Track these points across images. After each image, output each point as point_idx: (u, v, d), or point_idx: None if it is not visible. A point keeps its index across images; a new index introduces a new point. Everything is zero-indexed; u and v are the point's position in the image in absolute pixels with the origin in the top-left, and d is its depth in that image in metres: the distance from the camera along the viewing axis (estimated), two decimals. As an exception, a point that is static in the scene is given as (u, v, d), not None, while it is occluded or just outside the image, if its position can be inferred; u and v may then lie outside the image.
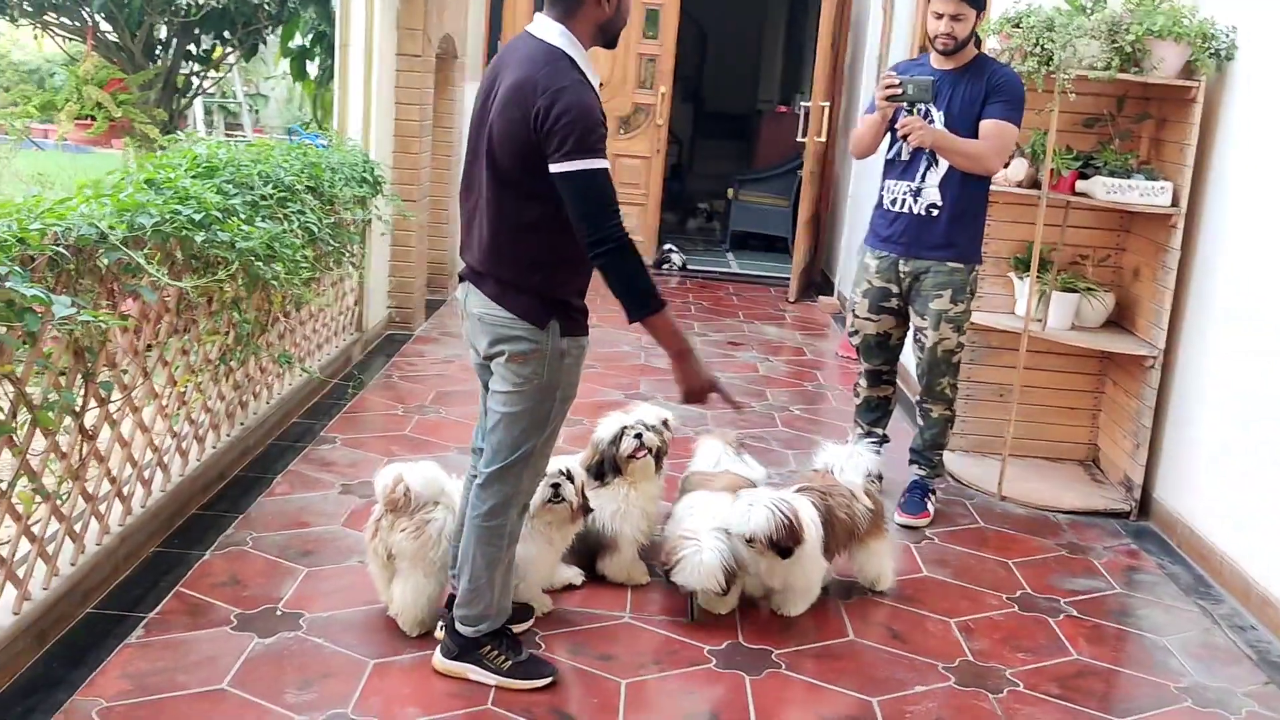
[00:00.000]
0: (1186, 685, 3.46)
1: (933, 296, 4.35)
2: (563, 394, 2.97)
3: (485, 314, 2.94)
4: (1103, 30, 4.44)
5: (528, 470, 3.02)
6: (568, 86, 2.71)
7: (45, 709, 2.84)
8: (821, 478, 3.90)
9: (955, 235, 4.31)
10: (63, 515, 3.22)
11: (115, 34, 6.23)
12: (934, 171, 4.29)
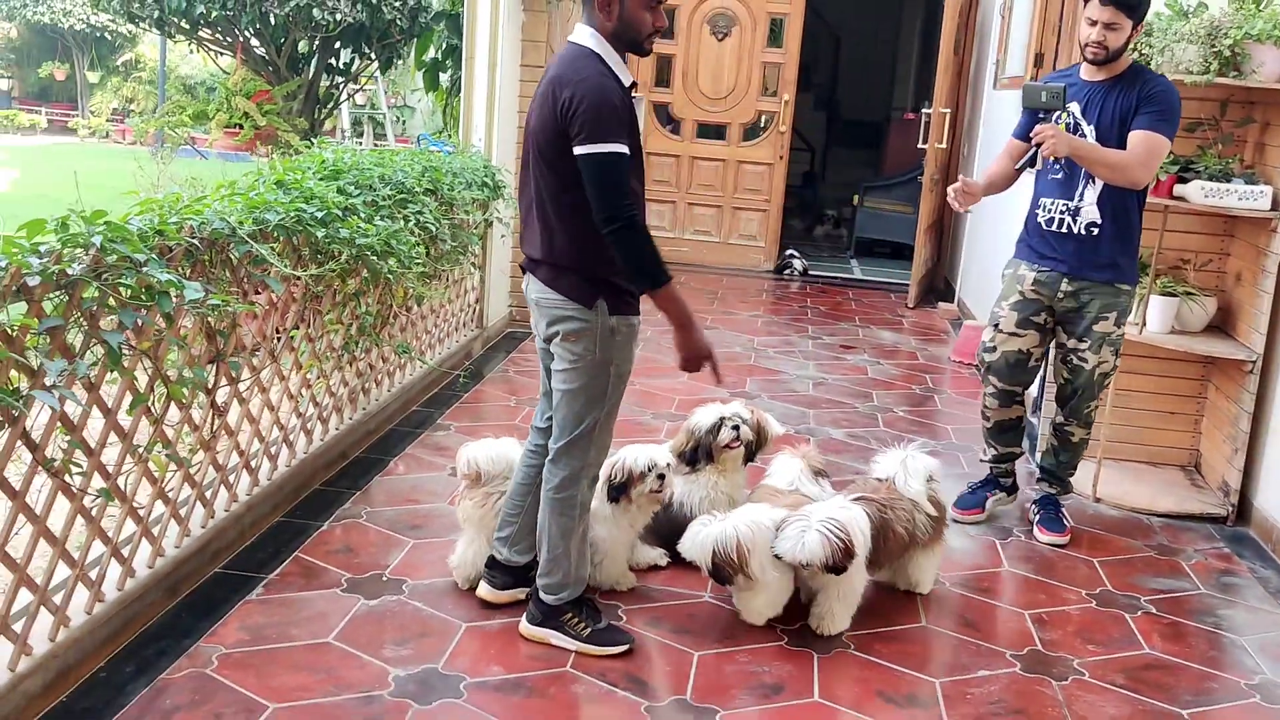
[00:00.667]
0: (1257, 683, 3.48)
1: (1099, 319, 4.21)
2: (617, 370, 3.20)
3: (541, 298, 3.22)
4: (1201, 34, 4.46)
5: (593, 444, 3.26)
6: (588, 79, 2.99)
7: (173, 652, 3.19)
8: (885, 489, 3.76)
9: (1119, 255, 4.17)
10: (194, 482, 3.58)
11: (262, 49, 6.72)
12: (1092, 188, 4.13)
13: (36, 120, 18.55)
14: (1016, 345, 4.36)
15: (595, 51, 3.07)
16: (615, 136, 2.97)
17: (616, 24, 3.08)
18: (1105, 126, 4.07)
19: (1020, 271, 4.34)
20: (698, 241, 10.17)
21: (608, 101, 2.98)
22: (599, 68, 3.04)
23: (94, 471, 3.03)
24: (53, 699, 2.90)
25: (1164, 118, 3.98)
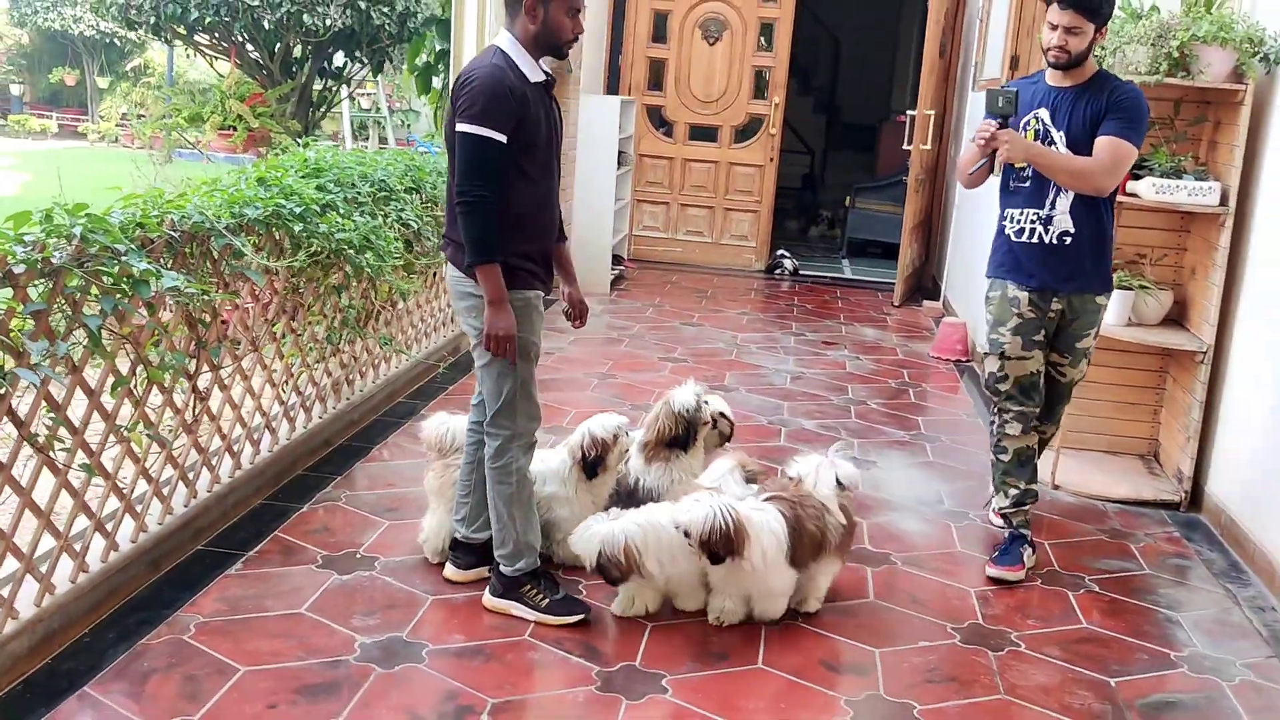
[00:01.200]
0: (1186, 655, 3.65)
1: (1081, 335, 4.18)
2: (520, 342, 3.41)
3: (449, 276, 3.52)
4: (1151, 36, 4.63)
5: (518, 413, 3.49)
6: (483, 68, 3.29)
7: (153, 621, 3.38)
8: (795, 487, 3.71)
9: (1096, 265, 4.09)
10: (176, 462, 3.78)
11: (256, 53, 6.93)
12: (1064, 197, 4.01)
13: (47, 125, 18.85)
14: (1028, 368, 4.17)
15: (504, 51, 3.34)
16: (492, 123, 3.23)
17: (539, 28, 3.33)
18: (1076, 133, 3.97)
19: (1011, 293, 4.14)
20: (690, 242, 10.35)
21: (496, 90, 3.24)
22: (501, 62, 3.30)
23: (78, 449, 3.22)
24: (38, 661, 3.09)
25: (1131, 124, 3.90)
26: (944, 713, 3.21)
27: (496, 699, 3.09)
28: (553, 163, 3.51)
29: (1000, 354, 4.18)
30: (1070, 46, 3.90)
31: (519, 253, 3.41)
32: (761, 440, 5.50)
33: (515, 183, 3.36)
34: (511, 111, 3.26)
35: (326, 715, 2.97)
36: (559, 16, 3.32)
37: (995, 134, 3.90)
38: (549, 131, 3.42)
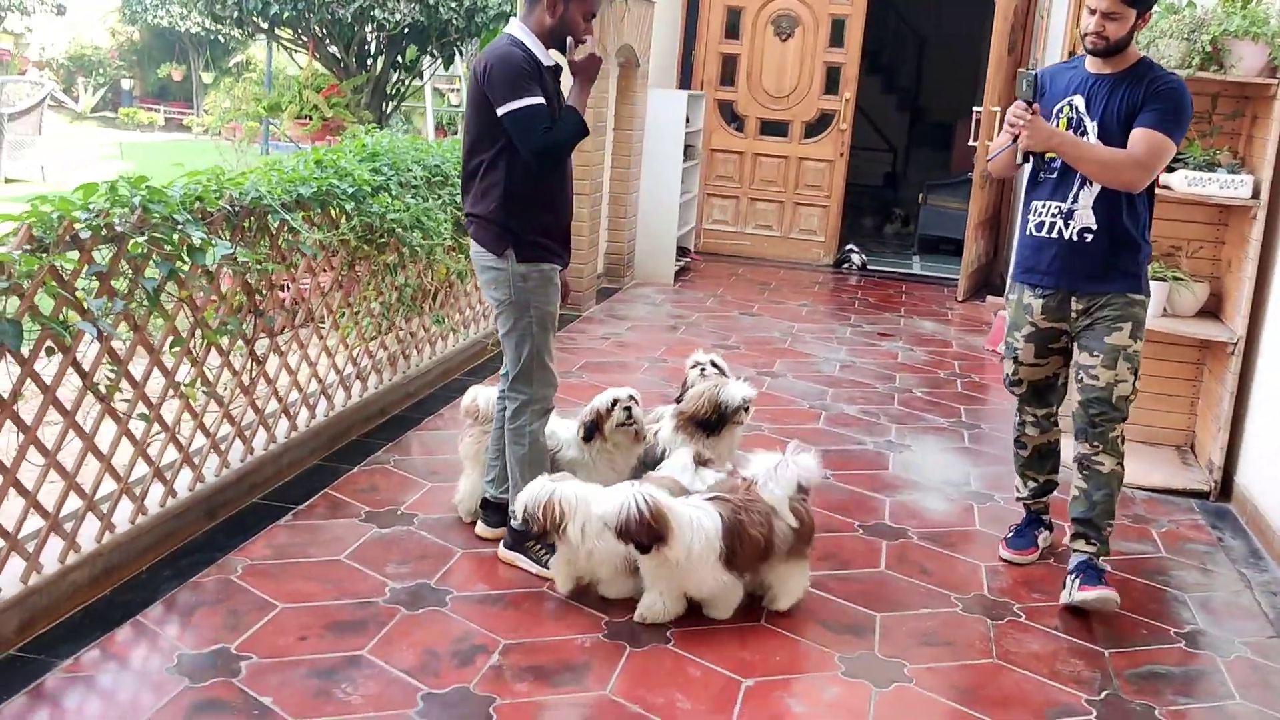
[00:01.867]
0: (1186, 631, 3.75)
1: (1110, 330, 3.81)
2: (536, 311, 3.69)
3: (473, 252, 3.75)
4: (1184, 30, 4.70)
5: (534, 379, 3.76)
6: (496, 49, 3.59)
7: (205, 563, 3.69)
8: (746, 489, 3.59)
9: (1123, 262, 3.80)
10: (234, 420, 4.09)
11: (333, 46, 7.29)
12: (1088, 190, 3.76)
13: (155, 118, 19.65)
14: (1041, 374, 4.08)
15: (516, 35, 3.63)
16: (526, 92, 3.50)
17: (556, 22, 3.62)
18: (1109, 123, 3.72)
19: (1025, 300, 3.98)
20: (759, 235, 10.51)
21: (513, 64, 3.52)
22: (512, 43, 3.59)
23: (139, 400, 3.54)
24: (97, 592, 3.42)
25: (1170, 116, 3.63)
26: (933, 671, 3.36)
27: (509, 640, 3.33)
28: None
29: (1014, 358, 4.09)
30: (1108, 32, 3.65)
31: (537, 228, 3.67)
32: (800, 423, 5.67)
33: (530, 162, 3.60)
34: (533, 78, 3.55)
35: (350, 648, 3.23)
36: (575, 15, 3.62)
37: (1018, 117, 3.70)
38: (558, 111, 3.66)
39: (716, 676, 3.24)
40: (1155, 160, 3.65)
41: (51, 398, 3.17)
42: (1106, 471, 3.91)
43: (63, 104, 18.88)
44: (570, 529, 3.44)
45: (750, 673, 3.27)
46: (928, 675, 3.34)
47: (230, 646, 3.20)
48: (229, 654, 3.16)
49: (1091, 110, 3.77)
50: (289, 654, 3.18)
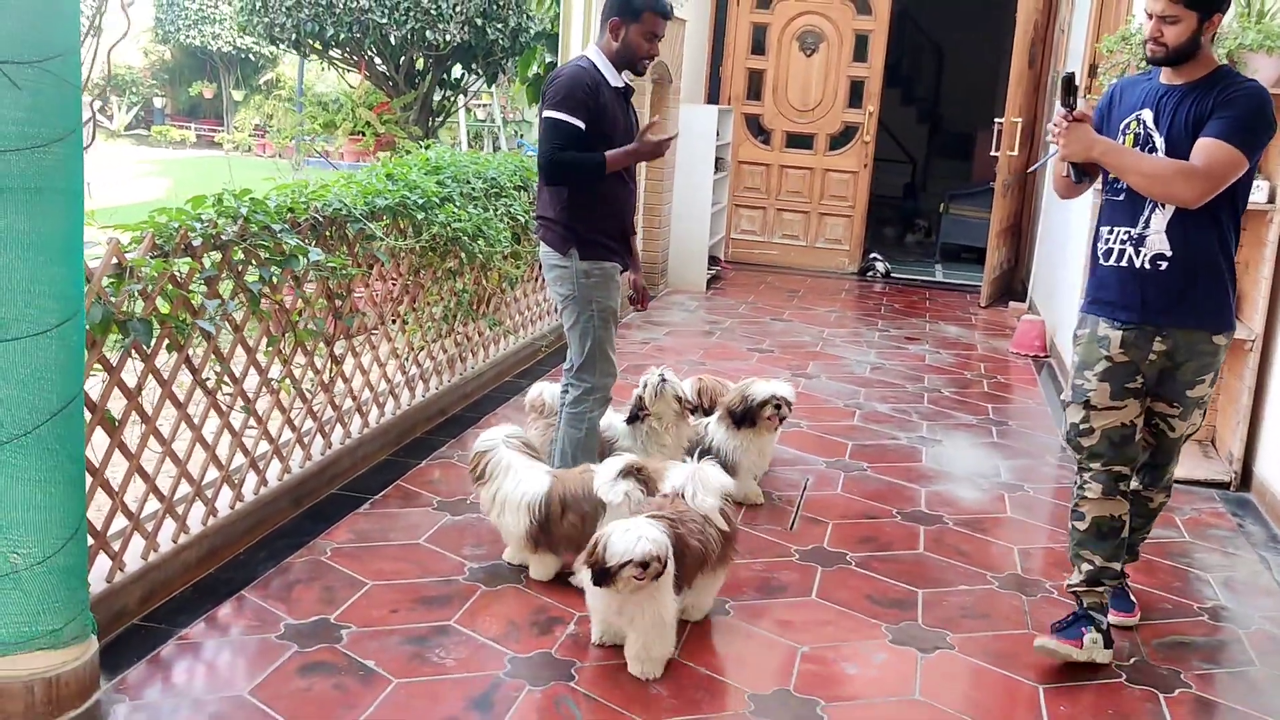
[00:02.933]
0: (1209, 607, 4.02)
1: (1194, 382, 3.47)
2: (598, 307, 4.07)
3: (541, 252, 4.14)
4: (1201, 45, 4.97)
5: (596, 370, 4.13)
6: (569, 69, 3.97)
7: (294, 546, 4.00)
8: (671, 503, 3.49)
9: (1205, 295, 3.37)
10: (316, 416, 4.40)
11: (384, 66, 7.64)
12: (1160, 213, 3.34)
13: (186, 135, 20.10)
14: (1118, 419, 3.49)
15: (590, 58, 3.99)
16: (568, 108, 3.85)
17: (620, 45, 3.97)
18: (1176, 137, 3.32)
19: (1101, 331, 3.49)
20: (785, 245, 10.81)
21: (577, 83, 3.87)
22: (585, 64, 3.95)
23: (238, 396, 3.85)
24: (203, 571, 3.72)
25: (1236, 124, 3.19)
26: (973, 640, 3.64)
27: (582, 613, 3.62)
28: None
29: (1085, 403, 3.51)
30: (1166, 38, 3.25)
31: (598, 229, 4.03)
32: (836, 420, 5.96)
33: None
34: (586, 103, 3.88)
35: (439, 618, 3.53)
36: (637, 39, 3.98)
37: (1057, 122, 3.38)
38: (626, 127, 4.04)
39: (775, 643, 3.53)
40: (1213, 173, 3.19)
41: (169, 391, 3.48)
42: (1155, 507, 3.82)
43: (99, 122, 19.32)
44: (484, 491, 3.83)
45: (805, 640, 3.56)
46: (968, 643, 3.62)
47: (329, 618, 3.50)
48: (329, 624, 3.46)
49: (1160, 124, 3.34)
50: (384, 624, 3.49)
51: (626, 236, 4.20)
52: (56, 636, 2.87)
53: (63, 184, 2.73)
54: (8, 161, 2.61)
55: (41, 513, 2.79)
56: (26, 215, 2.65)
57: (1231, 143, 3.18)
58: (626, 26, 3.98)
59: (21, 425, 2.71)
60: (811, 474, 5.12)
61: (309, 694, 3.08)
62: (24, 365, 2.70)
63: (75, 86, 2.74)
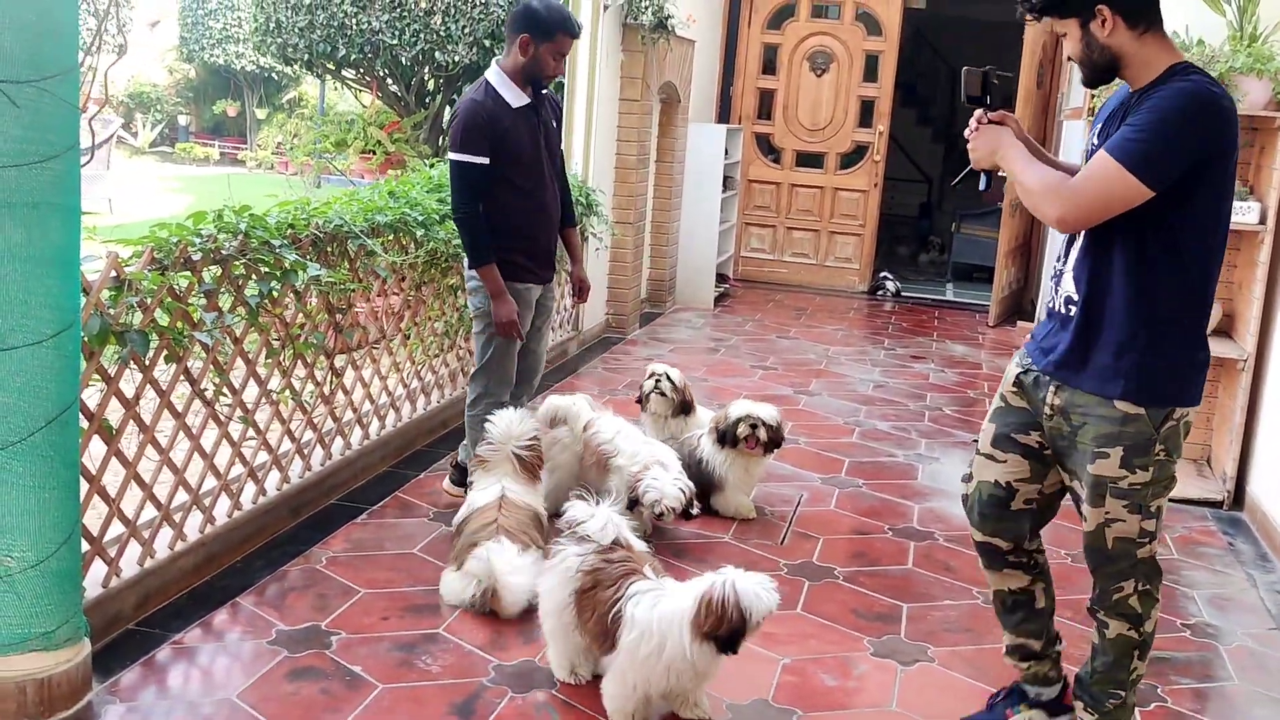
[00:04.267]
0: (1192, 623, 4.05)
1: (1092, 453, 2.73)
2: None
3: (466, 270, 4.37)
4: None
5: (491, 375, 4.40)
6: (465, 102, 4.15)
7: (291, 555, 4.08)
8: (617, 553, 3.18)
9: (1117, 357, 2.67)
10: (315, 427, 4.49)
11: (395, 85, 7.77)
12: (1077, 244, 2.79)
13: (210, 152, 20.35)
14: (993, 475, 2.98)
15: (489, 82, 4.18)
16: (470, 148, 4.09)
17: (528, 61, 4.14)
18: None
19: (1010, 367, 3.03)
20: (795, 263, 10.87)
21: (472, 120, 4.07)
22: (480, 95, 4.18)
23: (237, 407, 3.94)
24: (200, 578, 3.81)
25: (1135, 136, 2.54)
26: (954, 654, 3.69)
27: (568, 622, 3.69)
28: (542, 169, 4.29)
29: (976, 441, 3.16)
30: (1070, 53, 2.78)
31: (514, 249, 4.27)
32: (835, 437, 6.01)
33: (505, 194, 4.21)
34: (487, 136, 4.07)
35: (428, 626, 3.61)
36: (546, 56, 4.15)
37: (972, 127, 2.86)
38: (534, 144, 4.22)
39: (756, 654, 3.58)
40: (1080, 191, 2.61)
41: (166, 401, 3.58)
42: (1111, 636, 2.93)
43: (123, 139, 19.58)
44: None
45: (786, 652, 3.61)
46: (949, 657, 3.66)
47: (321, 624, 3.58)
48: (320, 630, 3.54)
49: (1101, 136, 2.79)
50: (373, 630, 3.56)
51: (547, 254, 4.43)
52: (49, 639, 2.96)
53: (60, 199, 2.82)
54: (6, 177, 2.71)
55: (36, 517, 2.88)
56: (24, 229, 2.75)
57: (1116, 156, 2.55)
58: (537, 45, 4.13)
59: (17, 432, 2.81)
60: (806, 490, 5.17)
61: (296, 698, 3.16)
62: (20, 374, 2.79)
63: (73, 105, 2.84)
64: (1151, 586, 2.91)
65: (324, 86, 16.80)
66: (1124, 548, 2.83)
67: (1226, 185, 2.68)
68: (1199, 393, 2.78)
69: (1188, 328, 2.71)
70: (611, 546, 3.16)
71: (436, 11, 6.69)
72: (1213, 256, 2.71)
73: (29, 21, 2.69)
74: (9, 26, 2.66)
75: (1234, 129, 2.62)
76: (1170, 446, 2.75)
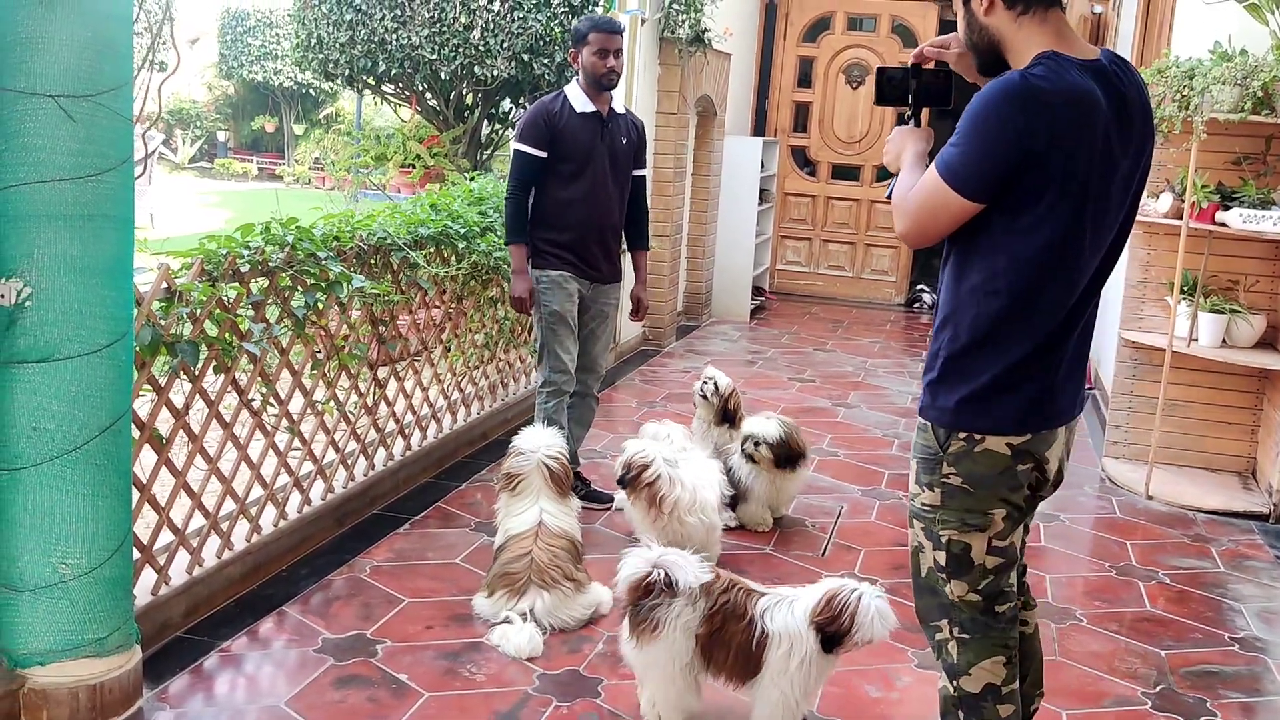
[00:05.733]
0: (1241, 637, 4.00)
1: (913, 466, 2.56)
2: (546, 310, 4.58)
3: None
4: (1237, 77, 5.00)
5: (547, 364, 4.63)
6: (533, 104, 4.57)
7: (336, 564, 4.11)
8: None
9: (933, 366, 2.47)
10: (359, 438, 4.53)
11: (434, 100, 7.83)
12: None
13: (248, 168, 20.56)
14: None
15: (565, 90, 4.59)
16: (523, 139, 4.47)
17: (582, 70, 4.48)
18: None
19: None
20: (831, 276, 10.86)
21: (534, 117, 4.48)
22: (550, 97, 4.57)
23: (283, 417, 3.98)
24: (247, 586, 3.85)
25: (954, 138, 2.29)
26: (999, 666, 3.66)
27: (611, 633, 3.69)
28: (599, 174, 4.50)
29: None
30: (961, 38, 2.49)
31: (549, 241, 4.50)
32: (873, 450, 6.00)
33: (554, 187, 4.50)
34: (544, 133, 4.39)
35: (472, 635, 3.63)
36: (591, 59, 4.48)
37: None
38: (592, 149, 4.48)
39: (800, 665, 3.57)
40: (906, 202, 2.39)
41: (215, 411, 3.62)
42: (939, 686, 2.64)
43: (163, 155, 19.83)
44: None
45: (830, 663, 3.60)
46: (994, 669, 3.63)
47: (366, 633, 3.60)
48: (366, 639, 3.56)
49: None
50: (418, 639, 3.58)
51: (588, 252, 4.57)
52: (101, 645, 3.00)
53: (114, 211, 2.87)
54: (62, 190, 2.76)
55: (89, 525, 2.92)
56: (79, 241, 2.80)
57: (935, 165, 2.32)
58: (579, 50, 4.52)
59: (72, 440, 2.85)
60: (846, 502, 5.16)
61: (343, 706, 3.18)
62: (75, 383, 2.84)
63: (127, 119, 2.89)
64: (956, 627, 2.55)
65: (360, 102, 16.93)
66: (927, 575, 2.58)
67: (1063, 189, 2.27)
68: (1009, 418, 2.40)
69: (991, 357, 2.38)
70: (709, 583, 3.08)
71: (475, 26, 6.74)
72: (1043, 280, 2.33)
73: (85, 38, 2.74)
74: (66, 43, 2.71)
75: (1061, 119, 2.22)
76: (968, 477, 2.42)
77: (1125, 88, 2.35)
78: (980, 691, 2.54)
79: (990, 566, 2.50)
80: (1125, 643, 3.90)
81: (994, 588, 2.52)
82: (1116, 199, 2.39)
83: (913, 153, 2.50)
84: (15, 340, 2.79)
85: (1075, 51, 2.32)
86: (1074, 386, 2.51)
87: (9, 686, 2.90)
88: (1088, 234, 2.34)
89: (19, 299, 2.77)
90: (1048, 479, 2.52)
